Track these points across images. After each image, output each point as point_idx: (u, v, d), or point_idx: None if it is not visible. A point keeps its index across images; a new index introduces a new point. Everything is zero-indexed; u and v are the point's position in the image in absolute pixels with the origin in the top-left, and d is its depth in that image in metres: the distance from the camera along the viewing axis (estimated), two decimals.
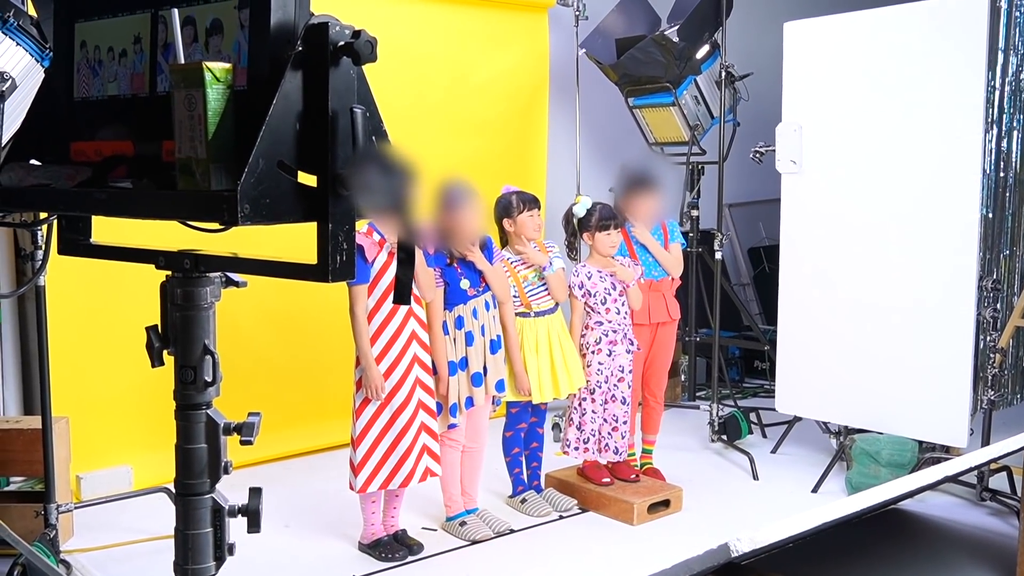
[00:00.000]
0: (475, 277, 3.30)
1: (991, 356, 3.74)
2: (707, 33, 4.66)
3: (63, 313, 3.43)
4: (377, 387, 3.03)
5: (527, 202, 3.47)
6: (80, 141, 1.48)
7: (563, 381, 3.51)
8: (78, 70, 1.50)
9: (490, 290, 3.32)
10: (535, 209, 3.48)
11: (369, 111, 1.25)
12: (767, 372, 5.41)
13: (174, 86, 1.23)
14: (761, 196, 5.45)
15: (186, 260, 1.40)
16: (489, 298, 3.33)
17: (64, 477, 3.20)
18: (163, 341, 1.43)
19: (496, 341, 3.34)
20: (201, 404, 1.42)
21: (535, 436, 3.68)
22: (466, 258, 3.25)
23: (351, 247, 1.26)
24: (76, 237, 1.64)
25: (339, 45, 1.20)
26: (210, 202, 1.21)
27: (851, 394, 3.82)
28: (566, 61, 4.95)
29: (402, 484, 3.11)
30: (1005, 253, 4.39)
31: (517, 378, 3.42)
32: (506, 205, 3.48)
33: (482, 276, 3.29)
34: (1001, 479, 3.75)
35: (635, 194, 3.77)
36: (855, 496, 2.16)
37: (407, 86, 4.38)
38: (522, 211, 3.45)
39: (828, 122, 3.83)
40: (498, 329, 3.36)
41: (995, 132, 4.22)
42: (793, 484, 3.93)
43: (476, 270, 3.29)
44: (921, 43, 3.56)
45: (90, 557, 3.16)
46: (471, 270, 3.29)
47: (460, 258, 3.25)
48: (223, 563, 1.45)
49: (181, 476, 1.44)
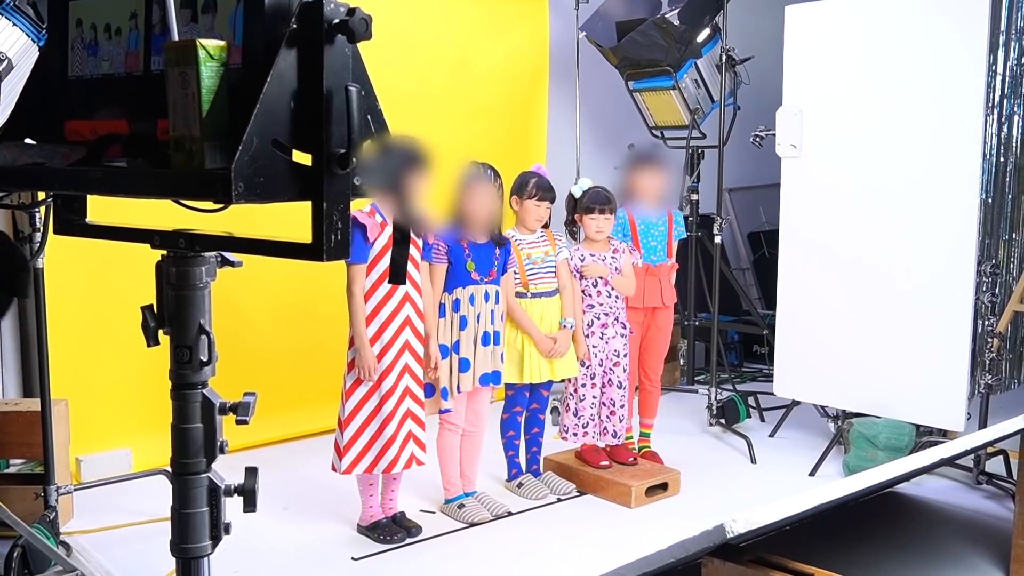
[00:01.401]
0: (484, 263, 3.29)
1: (989, 341, 3.74)
2: (708, 16, 4.64)
3: (62, 296, 3.44)
4: (370, 368, 3.03)
5: (542, 189, 3.46)
6: (75, 120, 1.47)
7: (558, 363, 3.51)
8: (72, 48, 1.49)
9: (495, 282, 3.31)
10: (546, 202, 3.47)
11: (364, 90, 1.24)
12: (766, 356, 5.42)
13: (168, 64, 1.22)
14: (761, 181, 5.44)
15: (181, 239, 1.40)
16: (491, 290, 3.32)
17: (64, 459, 3.21)
18: (158, 321, 1.43)
19: (488, 335, 3.31)
20: (197, 384, 1.42)
21: (536, 422, 3.68)
22: (477, 241, 3.25)
23: (346, 226, 1.25)
24: (72, 217, 1.63)
25: (334, 23, 1.20)
26: (204, 180, 1.20)
27: (849, 378, 3.83)
28: (566, 44, 4.94)
29: (386, 469, 3.11)
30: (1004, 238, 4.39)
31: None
32: (522, 184, 3.48)
33: (491, 268, 3.28)
34: (998, 463, 3.76)
35: (640, 172, 3.79)
36: (851, 478, 2.17)
37: (408, 71, 4.37)
38: (532, 196, 3.45)
39: (829, 106, 3.82)
40: (496, 325, 3.33)
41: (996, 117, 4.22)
42: (791, 467, 3.94)
43: (487, 256, 3.28)
44: (922, 27, 3.55)
45: (90, 538, 3.17)
46: (481, 254, 3.28)
47: (472, 241, 3.25)
48: (219, 542, 1.46)
49: (177, 456, 1.44)
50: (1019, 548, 2.87)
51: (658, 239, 3.86)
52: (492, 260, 3.32)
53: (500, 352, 3.35)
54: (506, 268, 3.38)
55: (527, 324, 3.45)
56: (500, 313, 3.34)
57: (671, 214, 3.90)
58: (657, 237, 3.86)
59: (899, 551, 3.15)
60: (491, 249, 3.32)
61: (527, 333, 3.45)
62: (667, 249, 3.87)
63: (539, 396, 3.64)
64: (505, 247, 3.36)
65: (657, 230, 3.86)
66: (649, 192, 3.81)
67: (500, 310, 3.35)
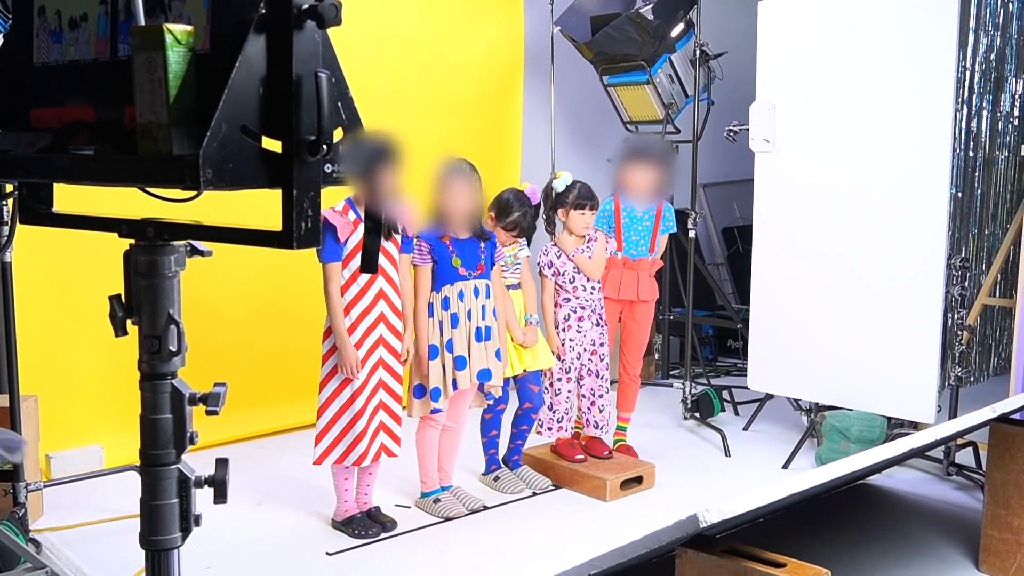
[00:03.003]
0: (470, 258, 3.28)
1: (959, 333, 3.79)
2: (682, 11, 4.65)
3: (30, 290, 3.39)
4: (352, 365, 3.02)
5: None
6: (40, 107, 1.45)
7: (533, 354, 3.53)
8: (37, 36, 1.47)
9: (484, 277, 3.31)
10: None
11: (334, 76, 1.24)
12: (740, 351, 5.45)
13: (134, 49, 1.21)
14: (735, 176, 5.47)
15: (149, 228, 1.38)
16: (481, 284, 3.30)
17: (33, 456, 3.17)
18: (126, 311, 1.41)
19: (481, 330, 3.30)
20: (166, 374, 1.41)
21: (527, 420, 3.66)
22: (460, 237, 3.24)
23: (316, 214, 1.24)
24: (38, 206, 1.61)
25: (303, 8, 1.18)
26: (172, 167, 1.19)
27: (822, 372, 3.86)
28: (541, 39, 4.94)
29: (356, 462, 3.10)
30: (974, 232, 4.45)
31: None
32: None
33: (479, 263, 3.28)
34: (967, 454, 3.80)
35: (632, 165, 3.79)
36: (823, 468, 2.18)
37: (382, 65, 4.35)
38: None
39: (801, 101, 3.85)
40: (488, 320, 3.32)
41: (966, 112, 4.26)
42: (764, 460, 3.97)
43: (472, 250, 3.28)
44: (893, 23, 3.58)
45: (60, 536, 3.13)
46: (466, 249, 3.27)
47: (455, 237, 3.24)
48: (189, 534, 1.44)
49: (146, 447, 1.42)
50: (988, 538, 2.91)
51: (641, 234, 3.86)
52: (478, 254, 3.30)
53: (495, 348, 3.33)
54: (494, 261, 3.37)
55: (511, 318, 3.46)
56: (492, 308, 3.33)
57: (660, 207, 3.90)
58: (640, 232, 3.86)
59: (871, 541, 3.19)
60: (475, 244, 3.30)
61: (508, 326, 3.45)
62: (650, 244, 3.87)
63: (529, 393, 3.62)
64: (490, 240, 3.35)
65: (641, 224, 3.87)
66: (640, 186, 3.80)
67: (491, 305, 3.33)
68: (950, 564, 3.02)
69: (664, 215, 3.91)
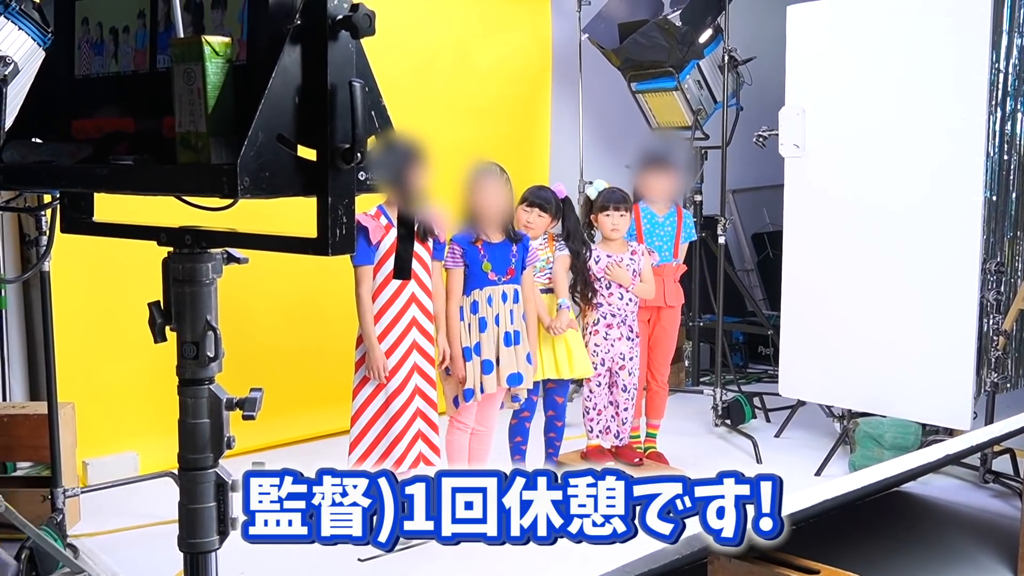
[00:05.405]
0: (501, 262, 3.29)
1: (994, 339, 3.73)
2: (710, 17, 4.64)
3: (68, 299, 3.44)
4: (379, 368, 3.04)
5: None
6: (81, 119, 1.49)
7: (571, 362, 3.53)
8: (79, 48, 1.50)
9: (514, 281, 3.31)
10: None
11: (368, 85, 1.25)
12: (771, 357, 5.41)
13: (174, 60, 1.23)
14: (765, 182, 5.44)
15: (187, 236, 1.41)
16: (509, 290, 3.30)
17: (71, 462, 3.21)
18: (165, 317, 1.44)
19: (510, 335, 3.30)
20: (204, 379, 1.43)
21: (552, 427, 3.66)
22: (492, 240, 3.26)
23: (351, 221, 1.26)
24: (79, 216, 1.65)
25: (337, 19, 1.21)
26: (210, 175, 1.21)
27: (854, 378, 3.82)
28: (569, 46, 4.95)
29: (395, 464, 3.11)
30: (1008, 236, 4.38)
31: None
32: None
33: (509, 267, 3.29)
34: (1004, 461, 3.75)
35: (650, 171, 3.80)
36: (857, 473, 2.17)
37: (410, 70, 4.38)
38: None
39: (831, 106, 3.82)
40: (517, 324, 3.31)
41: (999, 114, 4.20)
42: (797, 467, 3.93)
43: (504, 255, 3.29)
44: (925, 25, 3.55)
45: (97, 541, 3.17)
46: (497, 254, 3.28)
47: (487, 240, 3.26)
48: (226, 537, 1.47)
49: (184, 451, 1.45)
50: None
51: (664, 239, 3.86)
52: (509, 258, 3.30)
53: (526, 353, 3.34)
54: (525, 264, 3.37)
55: (544, 313, 3.46)
56: (520, 312, 3.34)
57: (680, 212, 3.90)
58: (663, 237, 3.86)
59: (906, 549, 3.15)
60: (507, 247, 3.30)
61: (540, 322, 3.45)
62: (673, 249, 3.87)
63: (554, 402, 3.62)
64: (522, 243, 3.35)
65: (663, 230, 3.86)
66: (659, 193, 3.82)
67: (520, 309, 3.33)
68: (987, 573, 2.97)
69: (684, 222, 3.91)
